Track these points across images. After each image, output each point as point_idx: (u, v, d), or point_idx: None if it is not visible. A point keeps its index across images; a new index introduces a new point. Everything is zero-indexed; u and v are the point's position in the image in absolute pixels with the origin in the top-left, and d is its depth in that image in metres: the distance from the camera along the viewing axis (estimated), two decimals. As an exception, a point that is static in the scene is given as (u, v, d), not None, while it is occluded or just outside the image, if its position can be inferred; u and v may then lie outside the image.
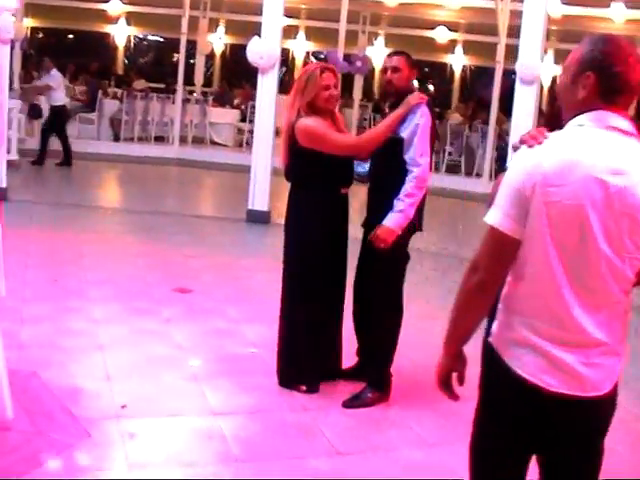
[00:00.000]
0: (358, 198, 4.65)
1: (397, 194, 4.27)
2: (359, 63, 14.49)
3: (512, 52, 14.09)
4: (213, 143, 14.81)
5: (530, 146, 2.07)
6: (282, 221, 8.96)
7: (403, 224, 4.27)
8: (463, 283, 2.14)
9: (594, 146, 2.04)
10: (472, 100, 16.10)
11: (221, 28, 17.77)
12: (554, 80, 16.32)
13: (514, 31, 15.18)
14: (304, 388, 4.49)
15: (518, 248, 2.07)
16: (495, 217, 2.07)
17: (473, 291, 2.13)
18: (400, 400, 4.52)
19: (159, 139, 14.26)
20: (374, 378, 4.53)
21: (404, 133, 4.28)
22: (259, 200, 9.12)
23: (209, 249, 7.81)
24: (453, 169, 14.70)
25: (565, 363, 2.10)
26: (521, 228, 2.05)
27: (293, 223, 4.50)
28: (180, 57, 13.67)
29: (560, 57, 17.64)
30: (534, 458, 2.32)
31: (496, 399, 2.26)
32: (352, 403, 4.42)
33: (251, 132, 15.40)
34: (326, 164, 4.29)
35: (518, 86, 8.10)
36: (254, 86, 17.41)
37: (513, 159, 2.15)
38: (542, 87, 10.98)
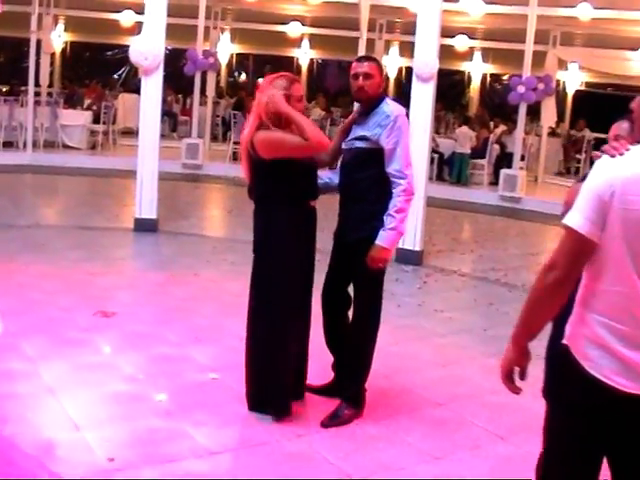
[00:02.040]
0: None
1: (378, 204, 4.13)
2: (211, 59, 14.09)
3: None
4: (65, 146, 13.92)
5: (612, 156, 2.18)
6: (170, 228, 8.89)
7: (396, 241, 4.19)
8: (538, 281, 2.22)
9: None
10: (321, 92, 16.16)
11: (60, 25, 16.72)
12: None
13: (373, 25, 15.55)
14: (280, 411, 4.24)
15: (594, 250, 2.17)
16: (575, 219, 2.16)
17: (549, 289, 2.20)
18: (379, 415, 4.39)
19: (8, 144, 13.20)
20: (351, 394, 4.36)
21: (384, 143, 4.10)
22: (147, 208, 8.62)
23: (110, 264, 7.27)
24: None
25: (638, 364, 2.16)
26: (599, 231, 2.14)
27: (263, 241, 4.19)
28: (30, 57, 12.69)
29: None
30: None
31: (570, 399, 2.30)
32: (331, 422, 4.23)
33: (105, 134, 14.75)
34: (292, 177, 4.04)
35: (415, 83, 8.10)
36: (105, 85, 16.83)
37: (595, 167, 2.22)
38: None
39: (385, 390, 4.68)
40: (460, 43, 16.93)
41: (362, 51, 13.98)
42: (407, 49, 18.65)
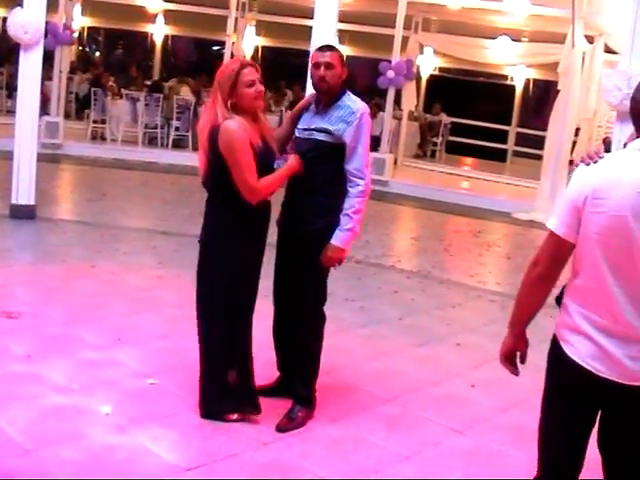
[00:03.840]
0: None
1: (334, 199, 3.99)
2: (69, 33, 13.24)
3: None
4: None
5: (587, 164, 2.46)
6: (48, 215, 8.28)
7: (352, 241, 4.07)
8: (526, 275, 2.57)
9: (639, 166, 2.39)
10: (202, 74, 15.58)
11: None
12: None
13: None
14: (235, 417, 4.03)
15: (572, 249, 2.48)
16: (553, 223, 2.48)
17: (534, 281, 2.56)
18: (334, 414, 4.28)
19: None
20: (303, 395, 4.21)
21: (348, 140, 3.94)
22: (24, 193, 7.97)
23: (-7, 257, 6.65)
24: (179, 144, 14.28)
25: (612, 353, 2.45)
26: (574, 234, 2.45)
27: (215, 235, 3.95)
28: None
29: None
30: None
31: (555, 379, 2.62)
32: (287, 426, 4.07)
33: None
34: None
35: (310, 69, 7.91)
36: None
37: (573, 175, 2.51)
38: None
39: (330, 387, 4.55)
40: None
41: (230, 30, 13.70)
42: (263, 28, 18.55)
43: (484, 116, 17.93)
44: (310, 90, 7.71)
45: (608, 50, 13.05)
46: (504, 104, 18.24)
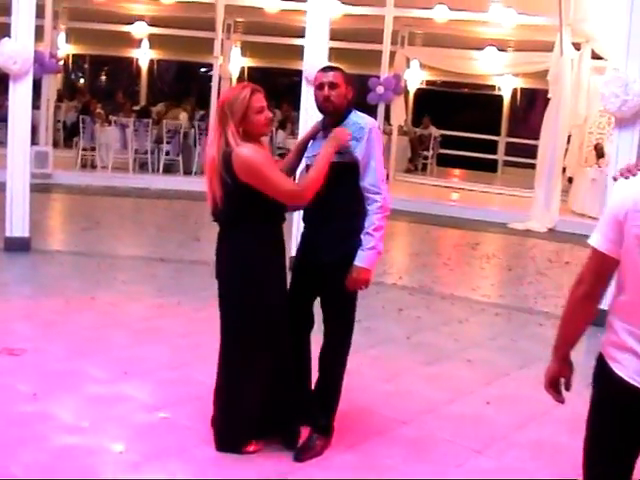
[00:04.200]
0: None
1: (356, 221, 3.86)
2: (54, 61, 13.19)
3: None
4: None
5: (626, 178, 2.45)
6: (43, 246, 8.17)
7: (376, 260, 3.91)
8: (570, 294, 2.49)
9: None
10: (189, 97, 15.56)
11: None
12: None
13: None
14: (252, 448, 3.94)
15: (616, 265, 2.42)
16: (596, 239, 2.42)
17: (579, 301, 2.47)
18: (351, 440, 4.19)
19: None
20: (323, 424, 4.11)
21: (360, 156, 3.84)
22: (18, 225, 7.86)
23: (-8, 292, 6.54)
24: (170, 168, 14.22)
25: None
26: (618, 249, 2.39)
27: (233, 268, 3.82)
28: None
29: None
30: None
31: (603, 397, 2.55)
32: (305, 455, 3.97)
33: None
34: (267, 198, 3.70)
35: (304, 87, 7.91)
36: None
37: (613, 189, 2.51)
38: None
39: (344, 411, 4.39)
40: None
41: (217, 52, 13.66)
42: (248, 48, 18.54)
43: (473, 127, 17.97)
44: (307, 109, 7.76)
45: (595, 56, 13.11)
46: (492, 114, 18.28)
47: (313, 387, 4.22)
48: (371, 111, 14.84)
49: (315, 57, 7.74)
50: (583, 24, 12.06)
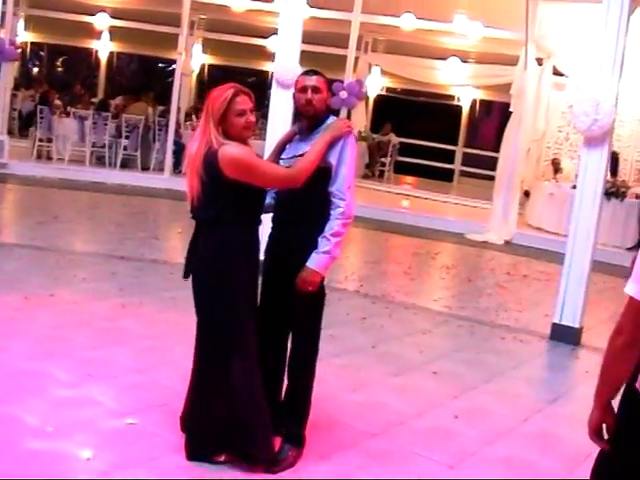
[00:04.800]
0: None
1: (321, 226, 3.85)
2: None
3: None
4: None
5: None
6: (1, 239, 7.94)
7: (329, 265, 3.88)
8: (609, 344, 2.43)
9: None
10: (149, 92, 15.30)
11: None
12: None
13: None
14: (222, 458, 3.86)
15: None
16: (633, 289, 2.35)
17: (619, 350, 2.41)
18: (323, 451, 4.15)
19: None
20: (295, 434, 4.05)
21: (333, 161, 3.85)
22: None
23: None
24: (128, 163, 14.02)
25: None
26: None
27: (211, 267, 3.75)
28: None
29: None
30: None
31: (633, 426, 2.43)
32: (278, 466, 3.90)
33: None
34: (250, 197, 3.71)
35: (274, 89, 7.85)
36: None
37: None
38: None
39: (313, 421, 4.33)
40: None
41: (181, 48, 13.52)
42: (209, 46, 18.37)
43: (431, 136, 18.08)
44: (276, 110, 7.71)
45: (556, 72, 13.32)
46: (451, 124, 18.42)
47: (283, 396, 4.16)
48: (333, 115, 14.85)
49: (287, 59, 7.69)
50: (546, 40, 12.24)
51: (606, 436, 2.51)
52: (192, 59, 16.57)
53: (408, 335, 6.66)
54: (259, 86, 19.01)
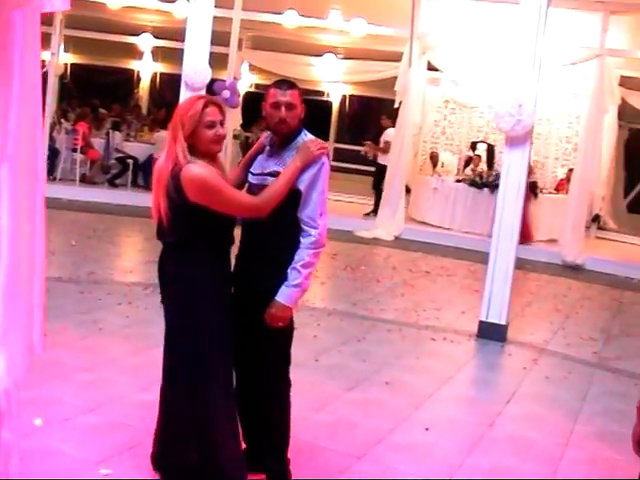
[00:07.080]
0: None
1: (289, 251, 3.54)
2: None
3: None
4: None
5: None
6: None
7: (299, 298, 3.59)
8: None
9: None
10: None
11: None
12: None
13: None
14: None
15: None
16: None
17: None
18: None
19: None
20: (277, 470, 3.84)
21: (302, 184, 3.53)
22: None
23: None
24: None
25: None
26: None
27: (181, 292, 3.46)
28: None
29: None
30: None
31: None
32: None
33: None
34: (217, 220, 3.40)
35: (183, 93, 7.49)
36: None
37: None
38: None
39: (293, 448, 4.11)
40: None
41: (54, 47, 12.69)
42: (70, 43, 17.40)
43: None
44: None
45: (430, 67, 13.59)
46: (322, 120, 18.43)
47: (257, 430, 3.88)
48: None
49: (195, 61, 7.36)
50: (425, 36, 12.45)
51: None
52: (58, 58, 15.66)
53: (344, 344, 6.53)
54: (125, 84, 18.35)
